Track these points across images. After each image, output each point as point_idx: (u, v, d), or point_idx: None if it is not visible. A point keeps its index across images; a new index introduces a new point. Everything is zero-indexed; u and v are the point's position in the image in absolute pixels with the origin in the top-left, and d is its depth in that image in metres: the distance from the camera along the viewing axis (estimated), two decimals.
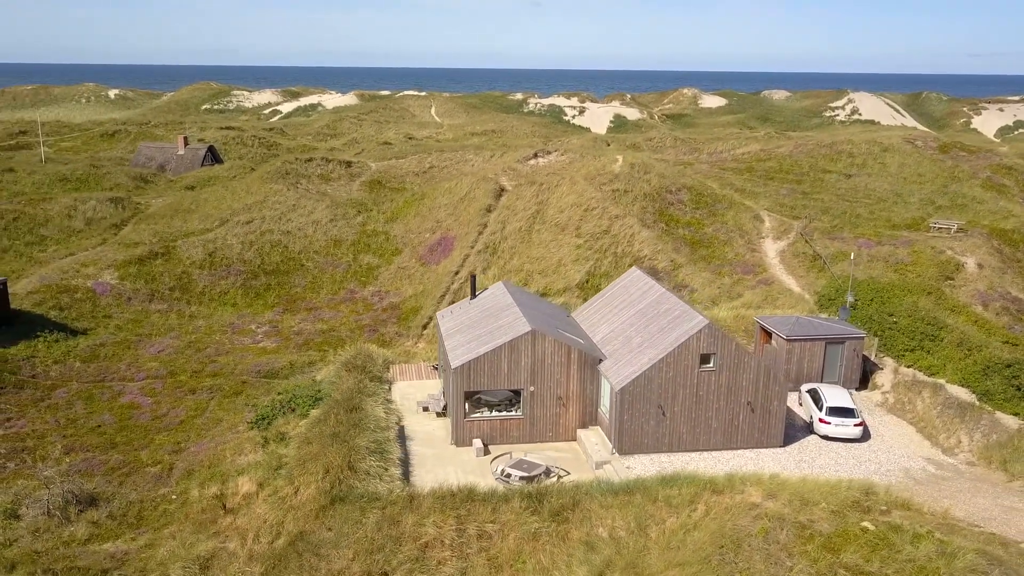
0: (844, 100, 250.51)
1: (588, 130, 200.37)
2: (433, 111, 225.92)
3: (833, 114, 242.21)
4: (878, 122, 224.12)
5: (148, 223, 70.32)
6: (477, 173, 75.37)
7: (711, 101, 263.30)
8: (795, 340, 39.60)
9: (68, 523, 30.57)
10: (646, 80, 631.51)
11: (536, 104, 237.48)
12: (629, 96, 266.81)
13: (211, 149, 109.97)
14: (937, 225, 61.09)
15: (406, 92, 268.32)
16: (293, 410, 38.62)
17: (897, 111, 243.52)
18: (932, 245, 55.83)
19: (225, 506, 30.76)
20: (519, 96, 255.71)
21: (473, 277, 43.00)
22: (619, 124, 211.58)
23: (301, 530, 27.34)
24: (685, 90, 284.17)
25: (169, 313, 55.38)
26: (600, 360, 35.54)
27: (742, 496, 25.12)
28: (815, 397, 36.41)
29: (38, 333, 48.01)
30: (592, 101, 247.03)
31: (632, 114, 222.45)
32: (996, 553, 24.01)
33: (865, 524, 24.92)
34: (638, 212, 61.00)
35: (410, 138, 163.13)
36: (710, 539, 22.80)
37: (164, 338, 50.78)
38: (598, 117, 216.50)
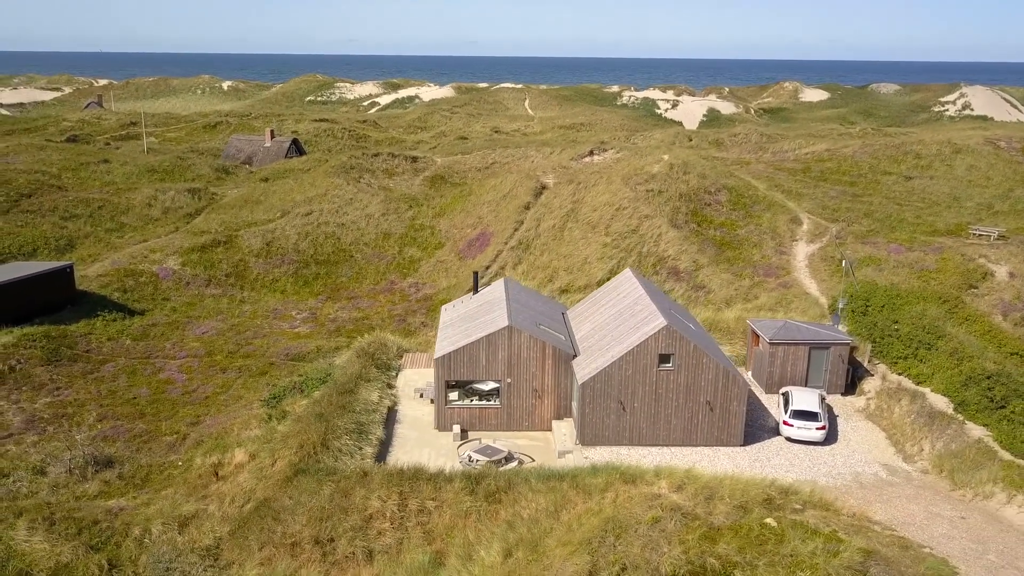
0: (955, 95, 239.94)
1: (680, 124, 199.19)
2: (527, 104, 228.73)
3: (942, 109, 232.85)
4: (991, 118, 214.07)
5: (218, 213, 75.77)
6: (523, 171, 77.78)
7: (812, 95, 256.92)
8: (778, 344, 40.60)
9: (85, 481, 34.90)
10: (771, 70, 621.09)
11: (630, 97, 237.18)
12: (727, 89, 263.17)
13: (295, 142, 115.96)
14: (977, 231, 59.97)
15: (502, 85, 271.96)
16: (302, 391, 42.19)
17: (1014, 106, 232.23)
18: (963, 252, 55.04)
19: (217, 474, 34.47)
20: (615, 88, 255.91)
21: (475, 274, 45.67)
22: (712, 118, 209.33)
23: (267, 497, 30.68)
24: (786, 83, 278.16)
25: (222, 298, 60.15)
26: (574, 356, 37.65)
27: (649, 487, 26.96)
28: (785, 400, 37.51)
29: (98, 312, 53.37)
30: (689, 94, 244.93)
31: (727, 108, 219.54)
32: (887, 554, 25.13)
33: (768, 520, 26.37)
34: (670, 212, 62.22)
35: (496, 131, 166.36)
36: (600, 524, 24.80)
37: (211, 320, 55.44)
38: (691, 111, 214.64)
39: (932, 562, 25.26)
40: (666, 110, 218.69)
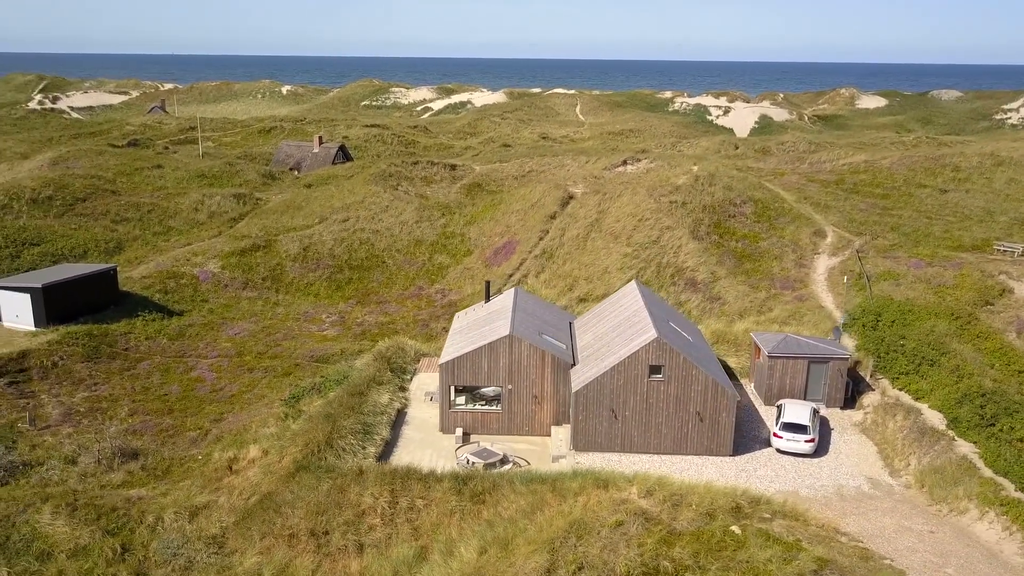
0: (1019, 102, 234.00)
1: (731, 131, 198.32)
2: (578, 109, 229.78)
3: (1005, 117, 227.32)
4: None
5: (260, 218, 78.91)
6: (554, 180, 79.36)
7: (869, 102, 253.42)
8: (777, 357, 41.52)
9: (111, 471, 37.58)
10: (839, 73, 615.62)
11: (682, 103, 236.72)
12: (781, 96, 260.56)
13: (342, 148, 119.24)
14: (1001, 247, 59.71)
15: (555, 90, 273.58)
16: (320, 391, 44.45)
17: None
18: (983, 268, 54.95)
19: (231, 468, 36.83)
20: (667, 94, 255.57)
21: (487, 283, 47.46)
22: (764, 125, 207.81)
23: (270, 491, 32.87)
24: (843, 90, 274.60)
25: (257, 300, 62.99)
26: (573, 364, 39.17)
27: (620, 492, 28.38)
28: (779, 412, 38.45)
29: (139, 313, 56.52)
30: (743, 101, 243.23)
31: (780, 115, 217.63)
32: (844, 563, 26.15)
33: (733, 528, 27.62)
34: (692, 224, 63.18)
35: (544, 138, 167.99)
36: (566, 526, 26.33)
37: (244, 322, 58.21)
38: (742, 118, 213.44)
39: (888, 573, 26.23)
40: (717, 117, 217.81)
